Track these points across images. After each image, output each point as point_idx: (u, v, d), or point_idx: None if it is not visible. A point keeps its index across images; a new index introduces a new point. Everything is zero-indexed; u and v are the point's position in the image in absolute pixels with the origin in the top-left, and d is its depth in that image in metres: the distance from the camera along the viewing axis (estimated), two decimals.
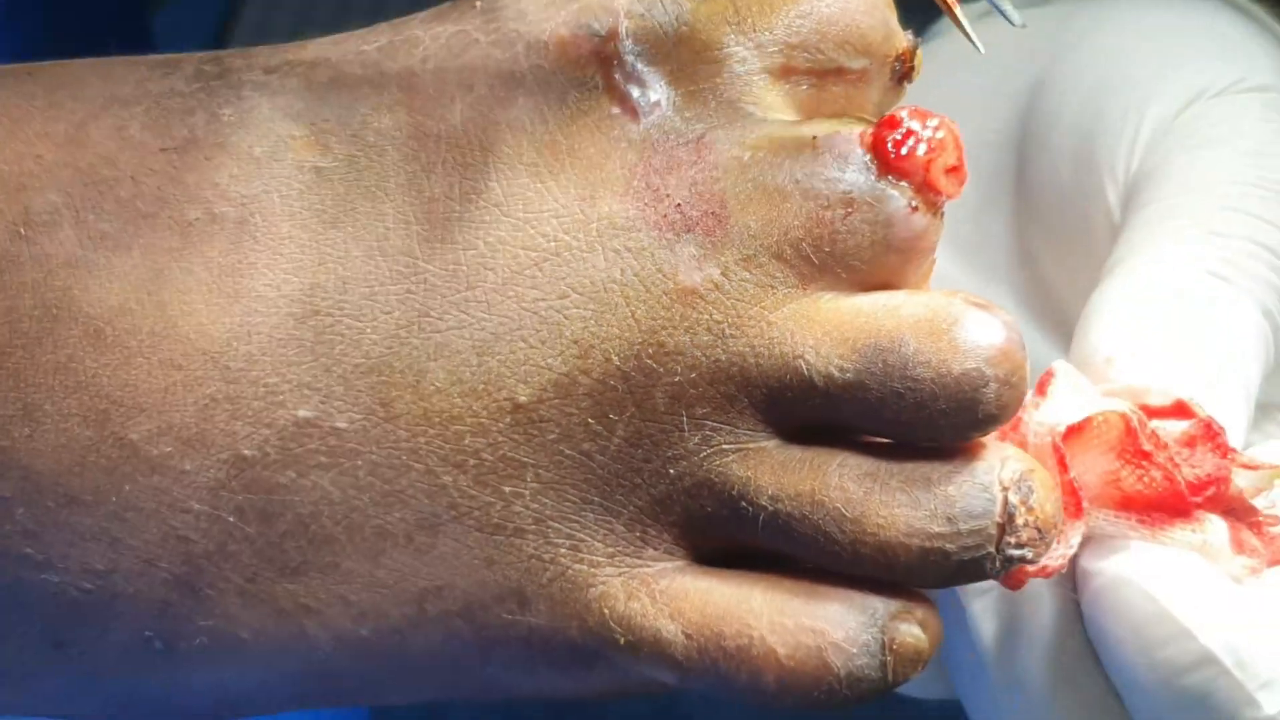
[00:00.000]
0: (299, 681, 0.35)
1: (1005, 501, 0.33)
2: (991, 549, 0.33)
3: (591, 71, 0.34)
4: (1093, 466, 0.34)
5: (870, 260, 0.33)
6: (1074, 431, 0.34)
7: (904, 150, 0.33)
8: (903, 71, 0.35)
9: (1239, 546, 0.35)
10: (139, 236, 0.34)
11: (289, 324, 0.34)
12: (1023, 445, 0.34)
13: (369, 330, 0.34)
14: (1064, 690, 0.36)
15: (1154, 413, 0.35)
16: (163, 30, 0.60)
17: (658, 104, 0.34)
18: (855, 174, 0.33)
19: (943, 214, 0.34)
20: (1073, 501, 0.34)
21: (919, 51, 0.35)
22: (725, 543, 0.34)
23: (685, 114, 0.34)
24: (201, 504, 0.34)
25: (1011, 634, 0.36)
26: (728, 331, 0.33)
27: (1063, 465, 0.34)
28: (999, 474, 0.33)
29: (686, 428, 0.34)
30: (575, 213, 0.34)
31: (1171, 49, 0.43)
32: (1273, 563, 0.35)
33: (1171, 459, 0.34)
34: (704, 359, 0.33)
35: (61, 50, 0.37)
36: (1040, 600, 0.36)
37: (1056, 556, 0.34)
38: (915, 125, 0.33)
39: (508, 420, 0.34)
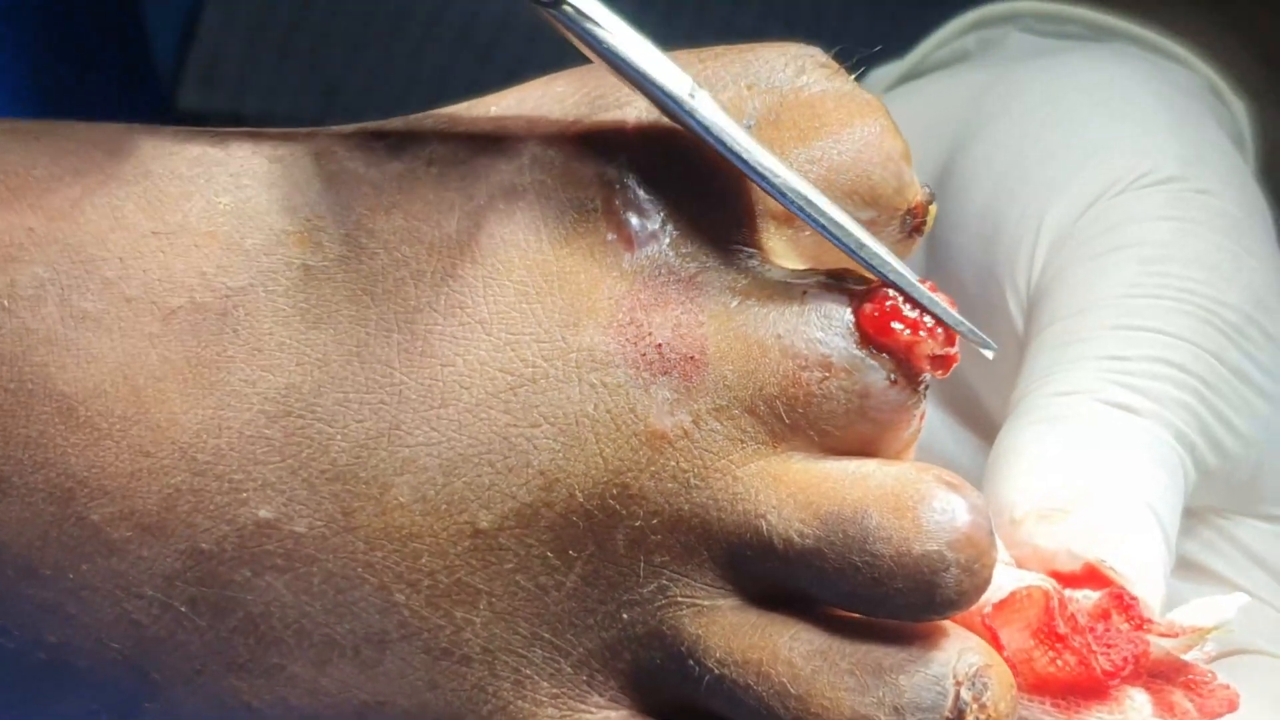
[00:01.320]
0: None
1: (957, 696, 0.31)
2: None
3: (592, 193, 0.33)
4: (1008, 643, 0.33)
5: (844, 427, 0.32)
6: (998, 608, 0.33)
7: (886, 326, 0.32)
8: (914, 225, 0.34)
9: (1168, 710, 0.33)
10: (120, 319, 0.34)
11: (260, 422, 0.33)
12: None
13: (339, 437, 0.33)
14: None
15: (1065, 579, 0.33)
16: None
17: (654, 235, 0.33)
18: (837, 339, 0.32)
19: (926, 389, 0.32)
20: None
21: (933, 206, 0.34)
22: (671, 699, 0.33)
23: (681, 249, 0.33)
24: (155, 591, 0.34)
25: None
26: (693, 481, 0.32)
27: (997, 644, 0.32)
28: (954, 666, 0.31)
29: (643, 574, 0.33)
30: (557, 339, 0.33)
31: (1075, 143, 0.40)
32: (1208, 717, 0.33)
33: (1088, 644, 0.32)
34: (667, 506, 0.32)
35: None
36: None
37: None
38: (901, 304, 0.32)
39: (467, 544, 0.33)
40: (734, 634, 0.32)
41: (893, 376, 0.32)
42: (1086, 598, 0.33)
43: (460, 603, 0.33)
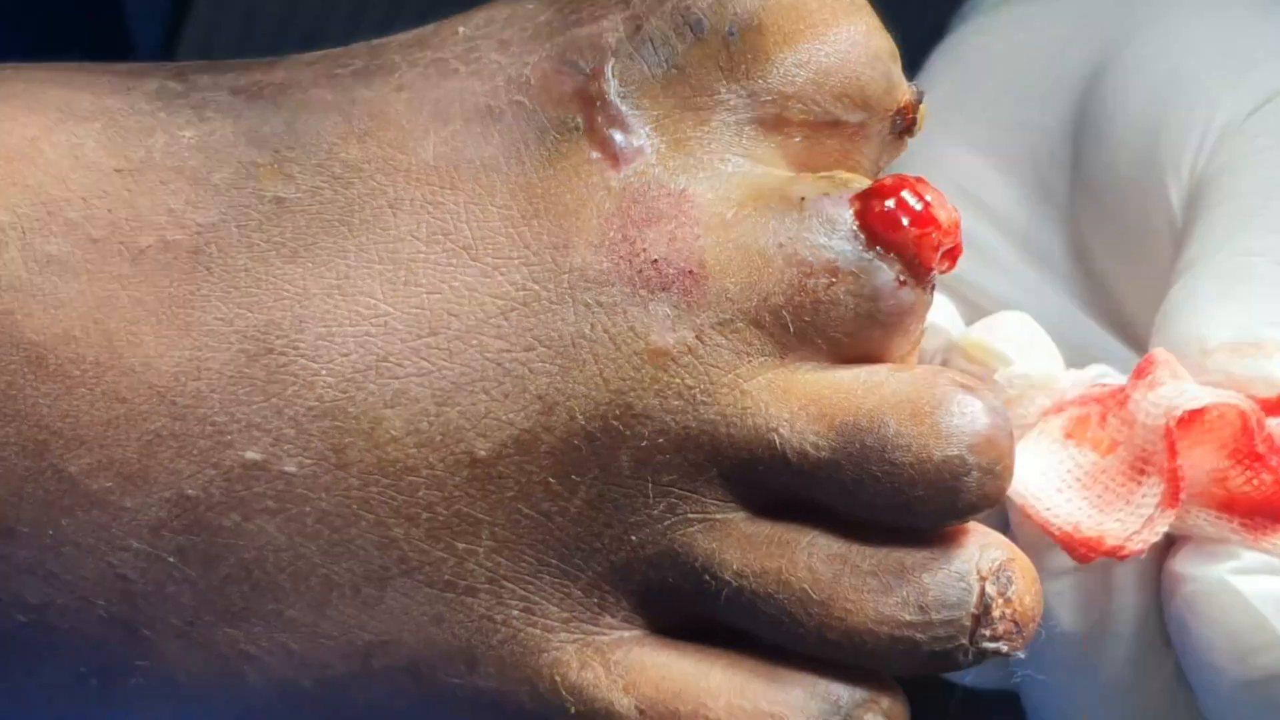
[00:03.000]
0: None
1: (982, 592, 0.31)
2: (964, 640, 0.31)
3: (573, 112, 0.33)
4: (1200, 462, 0.32)
5: (853, 333, 0.32)
6: (1185, 421, 0.32)
7: (894, 223, 0.31)
8: (904, 126, 0.33)
9: None
10: (87, 262, 0.32)
11: (240, 361, 0.32)
12: (1129, 426, 0.33)
13: (324, 372, 0.32)
14: (1140, 677, 0.35)
15: (1261, 405, 0.33)
16: None
17: (640, 151, 0.32)
18: (842, 242, 0.32)
19: (933, 288, 0.32)
20: (1172, 491, 0.32)
21: (922, 105, 0.33)
22: (686, 616, 0.33)
23: (669, 163, 0.32)
24: (141, 543, 0.32)
25: (1090, 618, 0.35)
26: (699, 398, 0.32)
27: (1172, 451, 0.32)
28: (977, 562, 0.31)
29: (651, 494, 0.32)
30: (547, 261, 0.32)
31: (1239, 48, 0.40)
32: None
33: None
34: (673, 424, 0.32)
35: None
36: (1123, 590, 0.35)
37: (1138, 542, 0.32)
38: (908, 197, 0.31)
39: (465, 474, 0.32)
40: (750, 545, 0.32)
41: (902, 277, 0.31)
42: None
43: (462, 534, 0.32)
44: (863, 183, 0.32)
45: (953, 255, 0.32)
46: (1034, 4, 0.46)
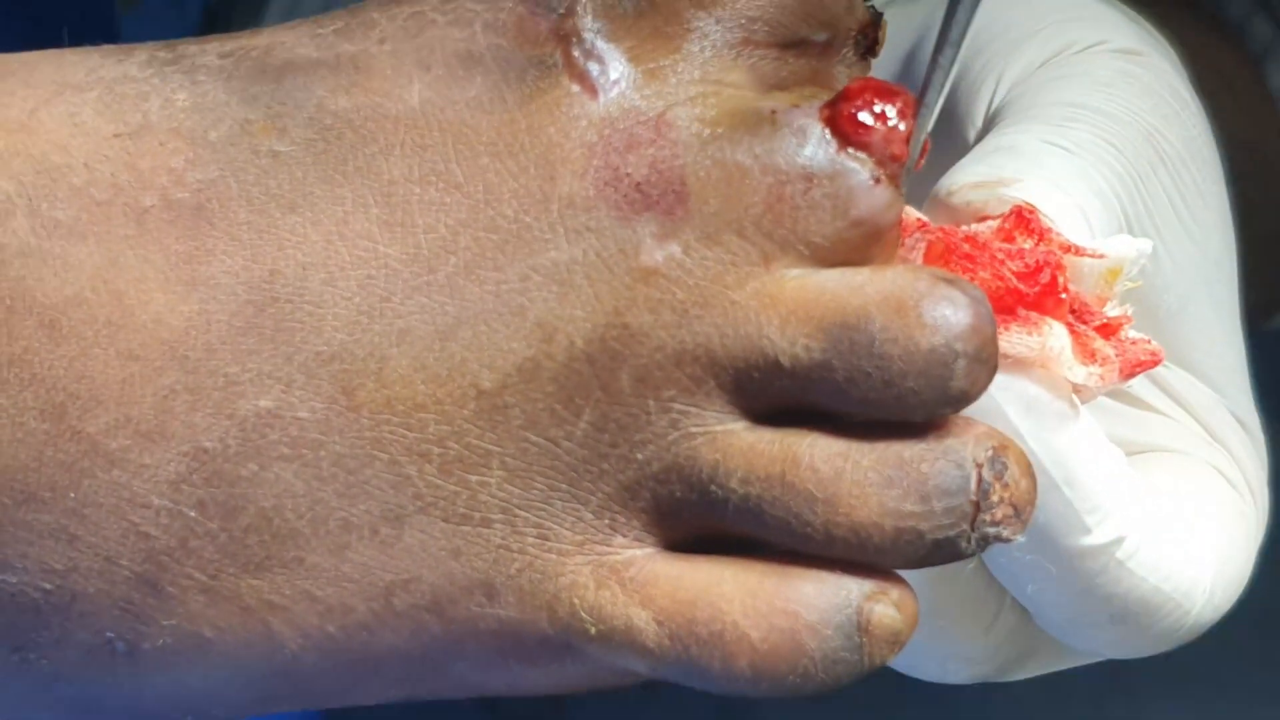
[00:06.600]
0: (265, 683, 0.35)
1: (980, 479, 0.32)
2: (966, 527, 0.32)
3: (550, 49, 0.34)
4: None
5: (833, 236, 0.33)
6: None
7: (863, 123, 0.32)
8: (867, 45, 0.34)
9: (1088, 355, 0.34)
10: (93, 225, 0.33)
11: (248, 312, 0.33)
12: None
13: (329, 317, 0.33)
14: None
15: (1004, 220, 0.35)
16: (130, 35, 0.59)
17: (617, 82, 0.34)
18: (814, 148, 0.33)
19: (904, 192, 0.33)
20: None
21: (884, 23, 0.35)
22: (696, 528, 0.34)
23: (645, 91, 0.34)
24: (162, 499, 0.33)
25: None
26: (691, 310, 0.33)
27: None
28: (972, 451, 0.32)
29: (653, 411, 0.33)
30: (535, 193, 0.33)
31: (1035, 14, 0.42)
32: (1125, 375, 0.34)
33: (993, 255, 0.33)
34: (669, 339, 0.33)
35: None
36: None
37: None
38: (874, 98, 0.33)
39: (472, 407, 0.33)
40: (752, 452, 0.33)
41: (875, 176, 0.33)
42: (988, 226, 0.34)
43: (473, 466, 0.33)
44: (830, 94, 0.33)
45: (923, 152, 0.33)
46: None
